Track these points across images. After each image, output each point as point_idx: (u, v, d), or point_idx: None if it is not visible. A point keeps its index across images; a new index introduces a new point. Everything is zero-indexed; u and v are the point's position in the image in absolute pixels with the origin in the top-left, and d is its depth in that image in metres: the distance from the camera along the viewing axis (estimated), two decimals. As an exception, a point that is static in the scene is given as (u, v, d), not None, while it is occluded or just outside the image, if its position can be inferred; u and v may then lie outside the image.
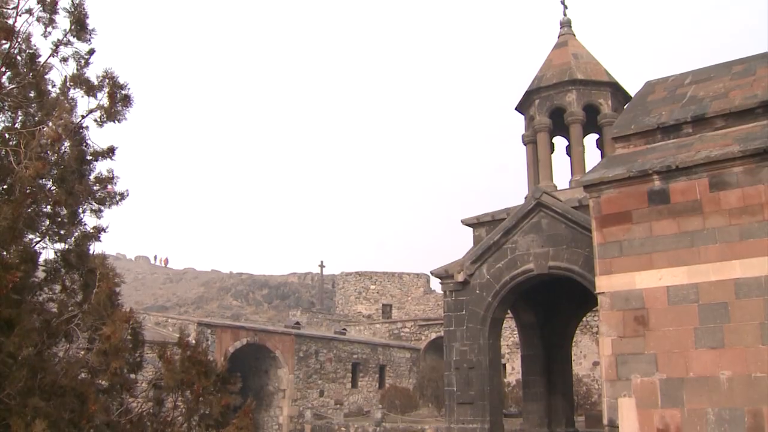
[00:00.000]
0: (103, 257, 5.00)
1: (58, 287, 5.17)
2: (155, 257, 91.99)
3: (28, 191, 4.63)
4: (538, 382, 22.49)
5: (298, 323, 41.41)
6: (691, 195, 13.62)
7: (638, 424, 13.45)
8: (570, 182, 20.88)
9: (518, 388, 30.22)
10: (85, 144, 5.30)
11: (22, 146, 4.78)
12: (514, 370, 36.19)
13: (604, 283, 14.28)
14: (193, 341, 5.20)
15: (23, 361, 4.43)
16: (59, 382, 4.55)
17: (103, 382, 4.98)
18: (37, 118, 5.02)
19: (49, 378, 4.56)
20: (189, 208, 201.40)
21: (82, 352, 4.92)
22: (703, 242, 13.38)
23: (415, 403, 35.88)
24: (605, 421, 14.06)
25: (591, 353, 34.96)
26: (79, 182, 5.16)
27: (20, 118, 5.09)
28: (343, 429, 30.99)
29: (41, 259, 4.99)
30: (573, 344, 25.58)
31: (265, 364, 33.81)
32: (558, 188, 20.64)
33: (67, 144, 5.21)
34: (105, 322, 4.60)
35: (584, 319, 28.51)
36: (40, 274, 5.12)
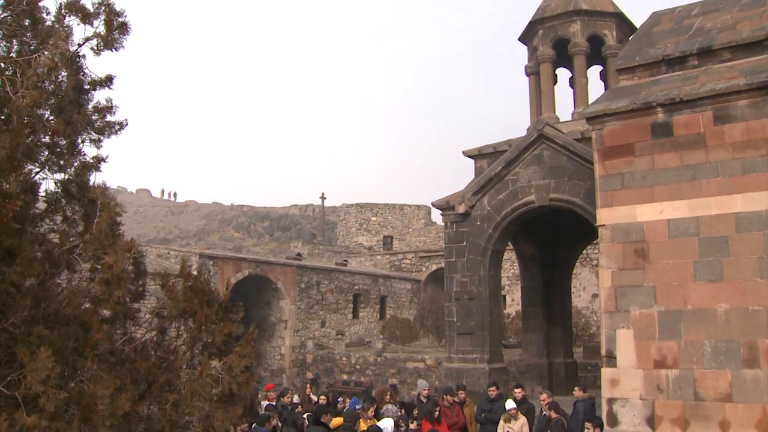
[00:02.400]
0: (104, 187, 4.97)
1: (59, 218, 5.15)
2: (162, 191, 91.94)
3: (25, 121, 4.57)
4: (537, 313, 22.73)
5: (299, 255, 41.61)
6: (695, 128, 13.52)
7: (636, 355, 13.61)
8: (572, 114, 20.73)
9: (518, 320, 30.55)
10: (82, 73, 5.22)
11: (18, 75, 4.71)
12: (513, 302, 36.52)
13: (604, 216, 14.29)
14: (195, 272, 5.22)
15: (26, 291, 4.45)
16: (63, 311, 4.58)
17: (106, 312, 5.00)
18: (32, 47, 4.94)
19: (53, 307, 4.59)
20: (189, 139, 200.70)
21: (85, 282, 4.93)
22: (705, 176, 13.34)
23: (416, 334, 36.30)
24: (603, 352, 14.22)
25: (590, 285, 35.22)
26: (78, 112, 5.10)
27: (15, 47, 5.01)
28: (344, 359, 31.42)
29: (41, 189, 4.96)
30: (573, 276, 25.79)
31: (267, 295, 34.09)
32: (560, 120, 20.51)
33: (64, 73, 5.13)
34: (107, 252, 4.61)
35: (584, 251, 28.67)
36: (41, 205, 5.09)
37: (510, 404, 13.28)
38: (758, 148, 12.87)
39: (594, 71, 22.34)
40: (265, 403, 13.72)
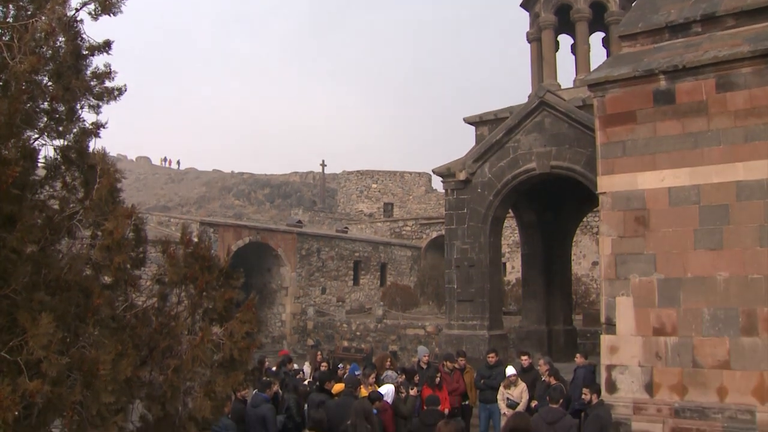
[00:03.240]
0: (103, 153, 4.95)
1: (58, 184, 5.13)
2: (165, 158, 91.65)
3: (23, 87, 4.54)
4: (537, 280, 22.80)
5: (300, 222, 41.62)
6: (697, 96, 13.45)
7: (635, 322, 13.68)
8: (574, 81, 20.61)
9: (518, 287, 30.66)
10: (80, 38, 5.17)
11: (15, 41, 4.66)
12: (514, 269, 36.62)
13: (605, 183, 14.27)
14: (196, 239, 5.22)
15: (27, 257, 4.44)
16: (64, 277, 4.58)
17: (107, 278, 5.01)
18: (29, 12, 4.88)
19: (54, 273, 4.59)
20: (189, 106, 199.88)
21: (85, 249, 4.93)
22: (707, 144, 13.30)
23: (416, 301, 36.44)
24: (603, 320, 14.28)
25: (590, 253, 35.28)
26: (76, 77, 5.06)
27: (12, 12, 4.95)
28: (344, 326, 31.57)
29: (40, 155, 4.94)
30: (573, 244, 25.83)
31: (268, 262, 34.16)
32: (562, 87, 20.39)
33: (61, 38, 5.08)
34: (107, 218, 4.60)
35: (585, 219, 28.70)
36: (41, 172, 5.07)
37: (510, 371, 13.38)
38: (761, 116, 12.81)
39: (596, 38, 22.19)
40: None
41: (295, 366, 14.32)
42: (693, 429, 12.96)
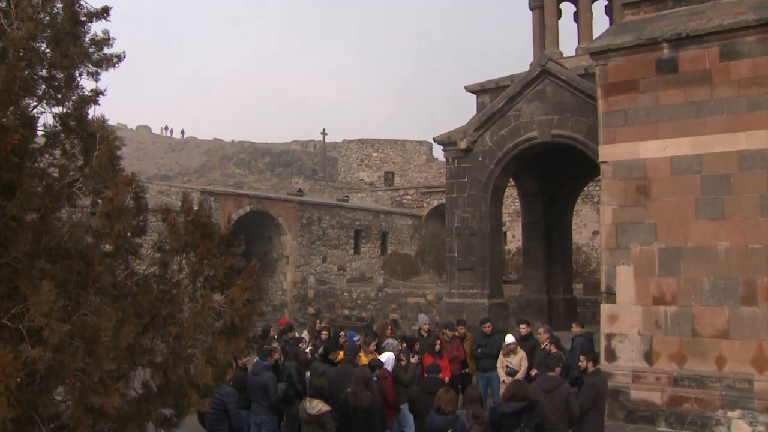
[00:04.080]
0: (103, 121, 4.92)
1: (58, 152, 5.10)
2: (165, 127, 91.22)
3: (21, 54, 4.50)
4: (538, 249, 22.83)
5: (300, 191, 41.61)
6: (701, 64, 13.37)
7: (635, 291, 13.72)
8: (576, 49, 20.47)
9: (518, 256, 30.72)
10: (78, 4, 5.11)
11: (12, 7, 4.61)
12: (514, 238, 36.66)
13: (607, 152, 14.24)
14: (196, 206, 5.21)
15: (28, 225, 4.44)
16: (64, 245, 4.57)
17: (108, 247, 5.01)
18: (27, -23, 4.82)
19: (54, 241, 4.58)
20: (188, 75, 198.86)
21: (86, 217, 4.92)
22: (709, 113, 13.25)
23: (417, 269, 36.53)
24: (603, 288, 14.33)
25: (591, 222, 35.30)
26: (74, 44, 5.01)
27: (8, -23, 4.89)
28: (345, 294, 31.68)
29: (39, 123, 4.91)
30: (574, 213, 25.85)
31: (269, 231, 34.19)
32: (564, 55, 20.26)
33: (59, 5, 5.03)
34: (107, 185, 4.58)
35: (586, 188, 28.67)
36: (40, 140, 5.04)
37: (509, 339, 13.43)
38: (764, 85, 12.74)
39: (599, 6, 22.00)
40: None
41: (297, 334, 14.37)
42: (691, 397, 13.06)
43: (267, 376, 10.65)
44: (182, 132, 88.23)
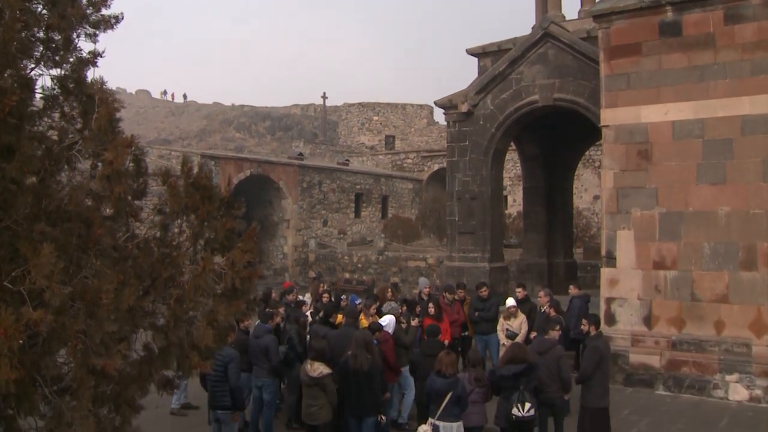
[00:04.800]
0: (102, 83, 4.87)
1: (57, 115, 5.07)
2: (164, 92, 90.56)
3: (17, 15, 4.44)
4: (538, 213, 22.84)
5: (301, 154, 41.49)
6: (704, 28, 13.25)
7: (635, 255, 13.75)
8: (579, 12, 20.28)
9: (519, 220, 30.74)
10: (74, -36, 5.05)
11: (8, -33, 4.55)
12: (515, 203, 36.65)
13: (609, 116, 14.18)
14: (196, 168, 5.19)
15: (27, 188, 4.42)
16: (64, 207, 4.56)
17: (109, 210, 5.00)
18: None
19: (54, 204, 4.56)
20: (188, 39, 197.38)
21: (86, 180, 4.91)
22: (712, 77, 13.17)
23: (417, 233, 36.57)
24: (603, 253, 14.36)
25: (592, 187, 35.26)
26: (72, 5, 4.94)
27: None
28: (346, 258, 31.76)
29: (38, 86, 4.87)
30: (575, 177, 25.82)
31: (269, 195, 34.15)
32: (566, 19, 20.07)
33: (55, -36, 4.97)
34: (106, 148, 4.56)
35: (587, 152, 28.61)
36: (39, 104, 5.01)
37: (510, 302, 13.49)
38: (768, 49, 12.66)
39: (603, -33, 21.72)
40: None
41: (299, 297, 14.42)
42: (690, 361, 13.15)
43: (268, 339, 10.71)
44: (184, 96, 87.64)
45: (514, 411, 8.75)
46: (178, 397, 12.31)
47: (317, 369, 9.05)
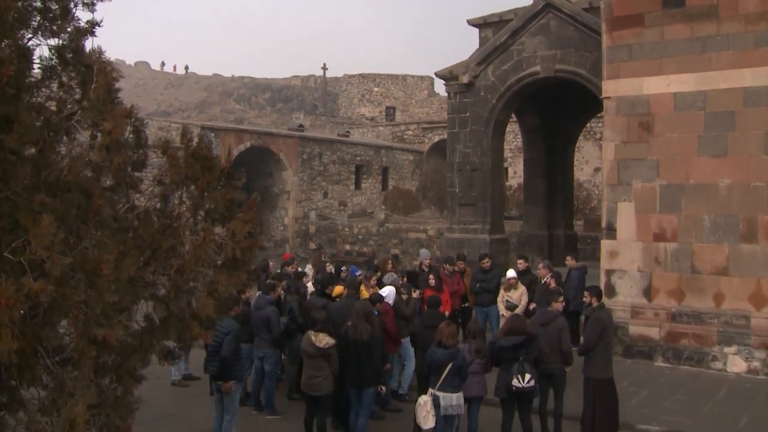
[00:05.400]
0: (100, 52, 4.84)
1: (55, 85, 5.03)
2: (163, 63, 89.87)
3: (14, -18, 4.40)
4: (539, 185, 22.82)
5: (301, 126, 41.36)
6: (708, -2, 13.15)
7: (636, 227, 13.75)
8: (582, -17, 20.06)
9: (519, 192, 30.73)
10: (71, -69, 4.98)
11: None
12: (516, 174, 36.60)
13: (610, 88, 14.11)
14: (196, 138, 5.16)
15: (27, 159, 4.40)
16: (64, 178, 4.54)
17: (109, 182, 4.98)
18: None
19: (54, 175, 4.55)
20: (186, 9, 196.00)
21: (85, 150, 4.88)
22: (715, 49, 13.08)
23: (418, 205, 36.56)
24: (603, 225, 14.36)
25: (593, 159, 35.19)
26: (69, -27, 4.90)
27: None
28: (346, 230, 31.77)
29: (35, 56, 4.83)
30: (575, 149, 25.76)
31: (270, 166, 34.10)
32: (569, -11, 19.87)
33: (52, -69, 4.90)
34: (105, 118, 4.53)
35: (588, 124, 28.51)
36: (37, 74, 4.97)
37: (510, 273, 13.51)
38: (772, 20, 12.56)
39: (606, -64, 21.50)
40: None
41: (300, 268, 14.44)
42: (689, 333, 13.21)
43: (270, 311, 10.75)
44: (186, 68, 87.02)
45: (514, 382, 8.80)
46: (179, 368, 12.39)
47: (323, 340, 9.08)
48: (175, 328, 5.14)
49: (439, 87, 59.21)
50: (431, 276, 12.97)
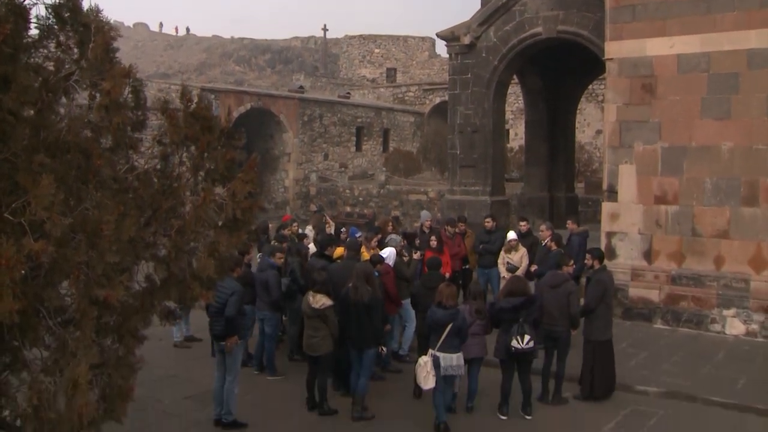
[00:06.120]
0: (97, 11, 4.78)
1: (52, 45, 4.97)
2: (161, 24, 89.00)
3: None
4: (540, 147, 22.73)
5: (301, 87, 41.10)
6: (713, -44, 12.98)
7: (637, 190, 13.73)
8: (586, -59, 19.79)
9: (520, 154, 30.63)
10: None
11: None
12: (517, 136, 36.46)
13: (613, 49, 13.99)
14: (196, 98, 5.13)
15: (25, 120, 4.38)
16: (63, 139, 4.52)
17: (109, 143, 4.96)
18: None
19: (53, 135, 4.53)
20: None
21: (84, 111, 4.85)
22: (719, 10, 12.95)
23: (418, 167, 36.47)
24: (605, 187, 14.34)
25: (595, 121, 35.01)
26: (65, -71, 4.83)
27: None
28: (347, 191, 31.73)
29: (32, 15, 4.76)
30: (577, 111, 25.62)
31: (270, 128, 33.93)
32: (573, -52, 19.60)
33: None
34: (104, 78, 4.49)
35: (590, 86, 28.31)
36: (34, 34, 4.91)
37: (511, 235, 13.49)
38: (778, -21, 12.42)
39: None
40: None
41: (300, 230, 14.45)
42: (688, 296, 13.25)
43: (270, 274, 10.79)
44: (187, 29, 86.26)
45: (514, 343, 8.86)
46: (181, 329, 12.46)
47: (319, 301, 9.12)
48: (176, 288, 5.16)
49: (441, 48, 58.78)
50: (433, 237, 12.97)
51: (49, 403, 4.31)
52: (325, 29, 60.24)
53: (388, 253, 11.32)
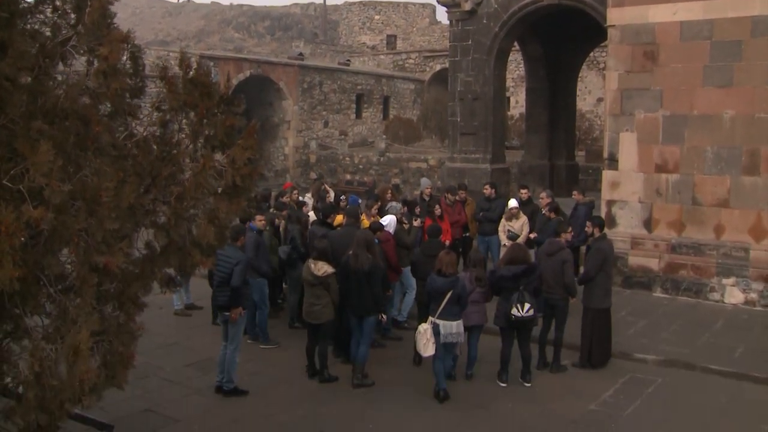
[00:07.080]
0: (94, -25, 4.72)
1: (48, 10, 4.92)
2: None
3: None
4: (541, 115, 22.66)
5: (301, 55, 40.85)
6: None
7: (638, 158, 13.68)
8: None
9: (521, 122, 30.53)
10: None
11: None
12: (518, 104, 36.30)
13: (615, 16, 13.87)
14: (195, 64, 5.08)
15: (23, 86, 4.34)
16: (61, 105, 4.48)
17: (107, 110, 4.92)
18: None
19: (51, 102, 4.49)
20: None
21: (82, 77, 4.81)
22: (723, -26, 12.80)
23: (419, 134, 36.34)
24: (605, 155, 14.30)
25: (596, 89, 34.84)
26: None
27: None
28: (347, 159, 31.65)
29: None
30: (578, 79, 25.48)
31: (270, 96, 33.78)
32: None
33: None
34: (101, 43, 4.45)
35: (591, 54, 28.16)
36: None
37: (512, 203, 13.45)
38: (783, -56, 12.27)
39: None
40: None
41: (300, 198, 14.40)
42: (688, 264, 13.27)
43: (247, 237, 10.24)
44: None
45: (513, 311, 8.87)
46: (181, 297, 12.46)
47: (321, 268, 9.11)
48: (176, 255, 5.16)
49: (441, 15, 58.33)
50: (437, 206, 12.93)
51: (50, 370, 4.32)
52: (324, -5, 59.74)
53: (389, 220, 11.29)
